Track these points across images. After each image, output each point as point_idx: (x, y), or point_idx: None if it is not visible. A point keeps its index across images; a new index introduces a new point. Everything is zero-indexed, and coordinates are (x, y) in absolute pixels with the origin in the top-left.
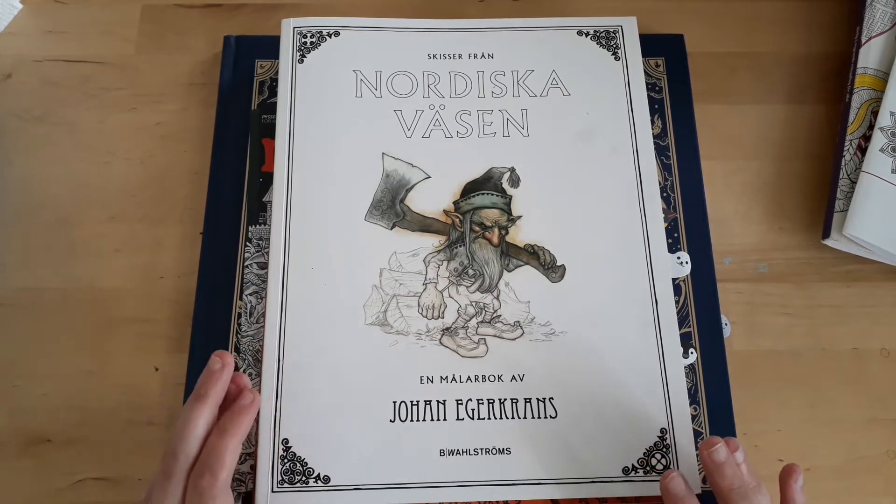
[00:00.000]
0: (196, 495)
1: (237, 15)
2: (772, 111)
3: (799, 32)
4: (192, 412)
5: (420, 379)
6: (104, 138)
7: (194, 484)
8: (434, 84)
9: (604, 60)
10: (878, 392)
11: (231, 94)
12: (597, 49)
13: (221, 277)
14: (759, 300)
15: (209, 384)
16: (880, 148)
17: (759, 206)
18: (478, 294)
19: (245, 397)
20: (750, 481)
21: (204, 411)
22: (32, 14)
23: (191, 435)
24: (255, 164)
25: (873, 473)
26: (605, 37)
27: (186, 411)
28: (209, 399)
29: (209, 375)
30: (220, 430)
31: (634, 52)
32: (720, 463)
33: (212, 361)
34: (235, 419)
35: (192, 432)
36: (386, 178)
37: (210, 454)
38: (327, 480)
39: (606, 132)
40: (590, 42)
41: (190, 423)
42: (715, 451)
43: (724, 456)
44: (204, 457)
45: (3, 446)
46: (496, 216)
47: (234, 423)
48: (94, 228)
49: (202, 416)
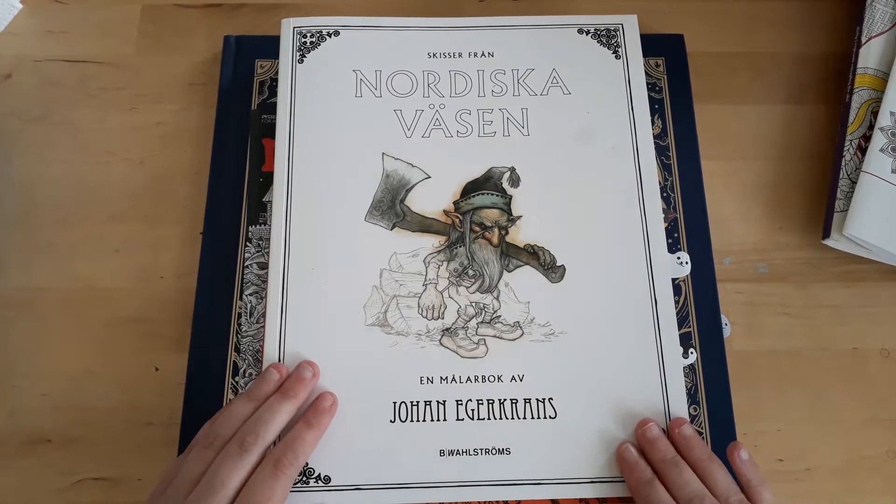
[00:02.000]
0: (274, 470)
1: (237, 15)
2: (772, 111)
3: (799, 32)
4: (281, 406)
5: (420, 379)
6: (104, 138)
7: (276, 460)
8: (434, 83)
9: (604, 59)
10: (878, 392)
11: (231, 94)
12: (597, 47)
13: (221, 277)
14: (759, 300)
15: (299, 387)
16: (880, 148)
17: (759, 206)
18: (478, 294)
19: (326, 399)
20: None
21: (290, 409)
22: (32, 14)
23: (273, 423)
24: (255, 164)
25: (873, 473)
26: (606, 35)
27: (274, 403)
28: (297, 400)
29: (299, 380)
30: (307, 423)
31: (635, 51)
32: (653, 438)
33: (302, 369)
34: (320, 417)
35: (275, 422)
36: (386, 178)
37: (295, 440)
38: (327, 480)
39: (606, 131)
40: (590, 40)
41: (276, 414)
42: (647, 428)
43: (656, 433)
44: (289, 440)
45: (3, 446)
46: (496, 216)
47: (319, 420)
48: (94, 228)
49: (287, 412)
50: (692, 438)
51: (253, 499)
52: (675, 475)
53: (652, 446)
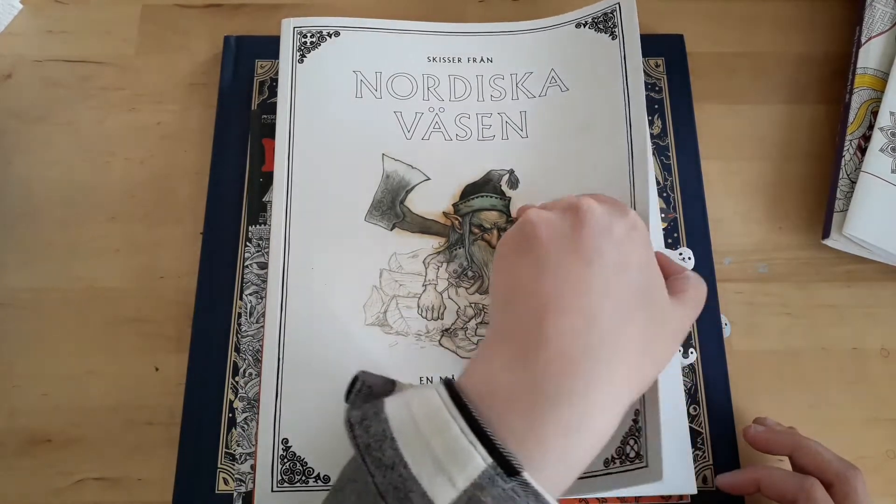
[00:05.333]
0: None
1: (237, 15)
2: (772, 111)
3: (799, 32)
4: None
5: (420, 380)
6: (104, 138)
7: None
8: (434, 87)
9: (601, 44)
10: (878, 392)
11: (231, 94)
12: (594, 35)
13: (221, 277)
14: (759, 300)
15: None
16: (880, 148)
17: (759, 206)
18: (477, 296)
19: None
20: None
21: None
22: (32, 14)
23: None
24: (255, 164)
25: (873, 473)
26: (603, 20)
27: None
28: None
29: None
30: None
31: (632, 24)
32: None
33: None
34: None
35: None
36: (386, 179)
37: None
38: (327, 480)
39: (602, 115)
40: (588, 31)
41: None
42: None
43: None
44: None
45: (3, 446)
46: (495, 218)
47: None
48: (94, 228)
49: None
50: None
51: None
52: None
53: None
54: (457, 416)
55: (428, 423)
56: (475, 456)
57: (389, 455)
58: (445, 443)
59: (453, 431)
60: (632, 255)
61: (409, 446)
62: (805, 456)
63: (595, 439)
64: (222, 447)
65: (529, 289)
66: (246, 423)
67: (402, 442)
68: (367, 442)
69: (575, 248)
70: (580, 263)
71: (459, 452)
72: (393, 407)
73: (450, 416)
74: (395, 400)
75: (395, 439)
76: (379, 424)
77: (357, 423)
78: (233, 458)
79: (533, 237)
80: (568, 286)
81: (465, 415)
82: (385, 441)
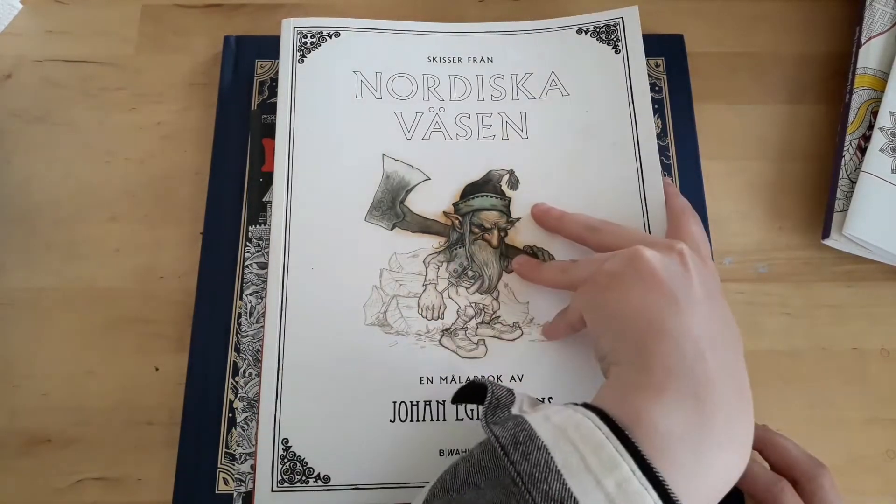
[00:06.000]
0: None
1: (237, 15)
2: (772, 111)
3: (799, 32)
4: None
5: (420, 379)
6: (104, 138)
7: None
8: (434, 87)
9: (603, 56)
10: (878, 392)
11: (231, 94)
12: (596, 45)
13: (221, 277)
14: (760, 300)
15: None
16: (880, 148)
17: (759, 206)
18: (477, 295)
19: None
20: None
21: None
22: (32, 14)
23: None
24: (255, 164)
25: (873, 473)
26: (605, 31)
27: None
28: None
29: None
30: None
31: (636, 44)
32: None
33: None
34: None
35: None
36: (386, 179)
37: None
38: (327, 480)
39: (607, 128)
40: (589, 39)
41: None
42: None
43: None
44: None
45: (3, 446)
46: (495, 218)
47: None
48: (94, 228)
49: None
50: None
51: None
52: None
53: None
54: (624, 453)
55: (595, 458)
56: (647, 499)
57: (557, 489)
58: (618, 483)
59: (624, 472)
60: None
61: (577, 482)
62: (774, 453)
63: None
64: (222, 447)
65: (668, 326)
66: (246, 423)
67: (568, 476)
68: (529, 471)
69: (701, 289)
70: (709, 302)
71: (633, 495)
72: (546, 433)
73: (617, 454)
74: (543, 424)
75: (560, 473)
76: (538, 453)
77: (510, 446)
78: (233, 458)
79: (649, 273)
80: (710, 325)
81: (631, 451)
82: (550, 474)
